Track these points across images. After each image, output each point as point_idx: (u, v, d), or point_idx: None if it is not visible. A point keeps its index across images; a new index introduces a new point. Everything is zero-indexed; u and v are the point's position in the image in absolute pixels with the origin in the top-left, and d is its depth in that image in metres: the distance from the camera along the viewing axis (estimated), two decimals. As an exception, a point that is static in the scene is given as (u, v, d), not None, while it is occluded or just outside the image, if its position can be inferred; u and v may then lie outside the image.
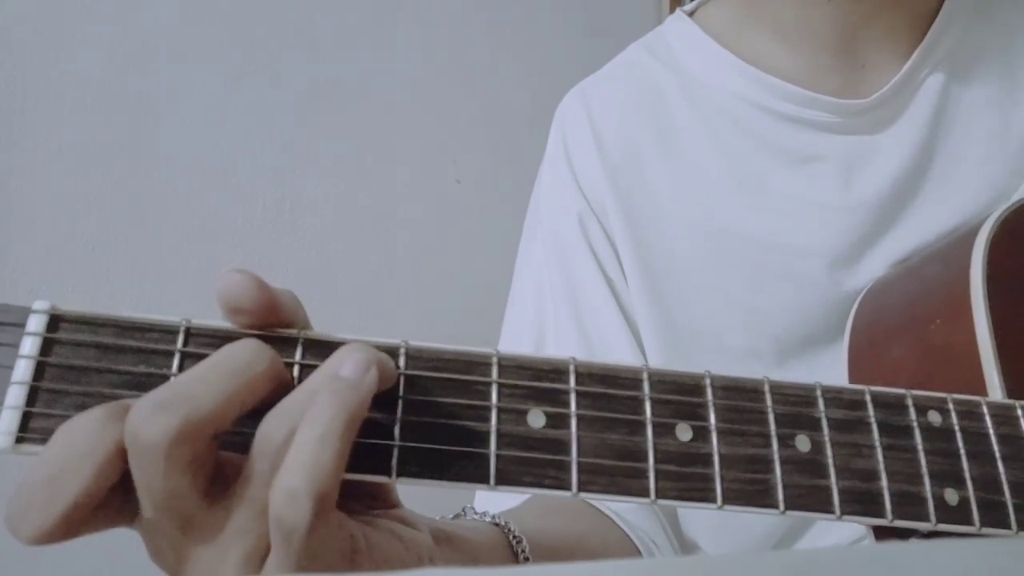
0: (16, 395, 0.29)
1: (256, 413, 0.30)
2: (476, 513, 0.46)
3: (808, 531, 0.61)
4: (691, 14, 0.69)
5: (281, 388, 0.31)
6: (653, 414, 0.34)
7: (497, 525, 0.45)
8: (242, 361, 0.30)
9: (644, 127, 0.65)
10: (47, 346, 0.30)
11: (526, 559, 0.44)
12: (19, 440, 0.29)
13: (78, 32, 1.06)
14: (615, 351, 0.62)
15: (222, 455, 0.31)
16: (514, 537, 0.44)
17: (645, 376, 0.35)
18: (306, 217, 1.23)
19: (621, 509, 0.57)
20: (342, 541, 0.30)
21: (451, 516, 0.46)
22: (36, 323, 0.30)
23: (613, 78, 0.70)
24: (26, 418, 0.29)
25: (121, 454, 0.29)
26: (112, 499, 0.29)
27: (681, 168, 0.64)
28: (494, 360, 0.34)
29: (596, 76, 0.71)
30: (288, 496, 0.28)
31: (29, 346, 0.30)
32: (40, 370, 0.30)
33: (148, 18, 1.12)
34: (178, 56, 1.14)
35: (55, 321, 0.31)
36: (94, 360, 0.31)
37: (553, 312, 0.64)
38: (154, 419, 0.28)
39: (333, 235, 1.25)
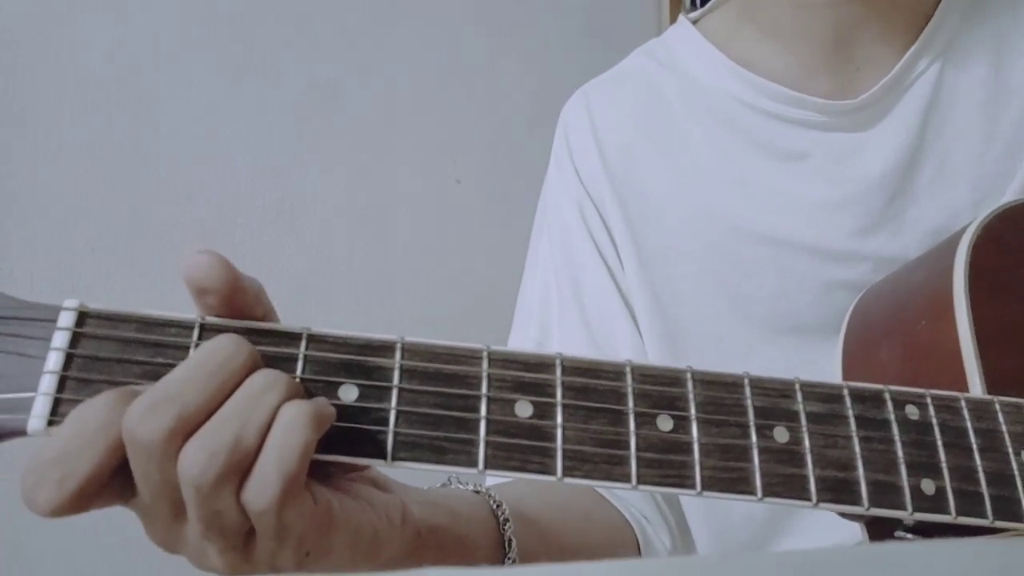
0: (48, 383, 0.33)
1: None
2: (460, 484, 0.48)
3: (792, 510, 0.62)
4: (695, 23, 0.72)
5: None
6: (635, 405, 0.36)
7: (478, 492, 0.48)
8: (222, 357, 0.32)
9: (641, 125, 0.68)
10: (75, 339, 0.33)
11: (505, 520, 0.46)
12: (50, 423, 0.32)
13: (78, 32, 1.07)
14: (616, 334, 0.65)
15: None
16: (495, 502, 0.47)
17: (628, 370, 0.37)
18: (306, 217, 1.23)
19: None
20: (317, 513, 0.33)
21: (439, 484, 0.48)
22: (66, 319, 0.34)
23: (613, 80, 0.74)
24: (56, 403, 0.33)
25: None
26: (116, 478, 0.31)
27: (675, 163, 0.67)
28: (484, 354, 0.36)
29: (598, 79, 0.75)
30: (255, 481, 0.31)
31: (59, 340, 0.33)
32: (69, 361, 0.33)
33: (148, 18, 1.12)
34: (178, 56, 1.14)
35: (83, 317, 0.34)
36: (117, 352, 0.34)
37: (557, 297, 0.67)
38: (148, 419, 0.30)
39: (333, 235, 1.25)
